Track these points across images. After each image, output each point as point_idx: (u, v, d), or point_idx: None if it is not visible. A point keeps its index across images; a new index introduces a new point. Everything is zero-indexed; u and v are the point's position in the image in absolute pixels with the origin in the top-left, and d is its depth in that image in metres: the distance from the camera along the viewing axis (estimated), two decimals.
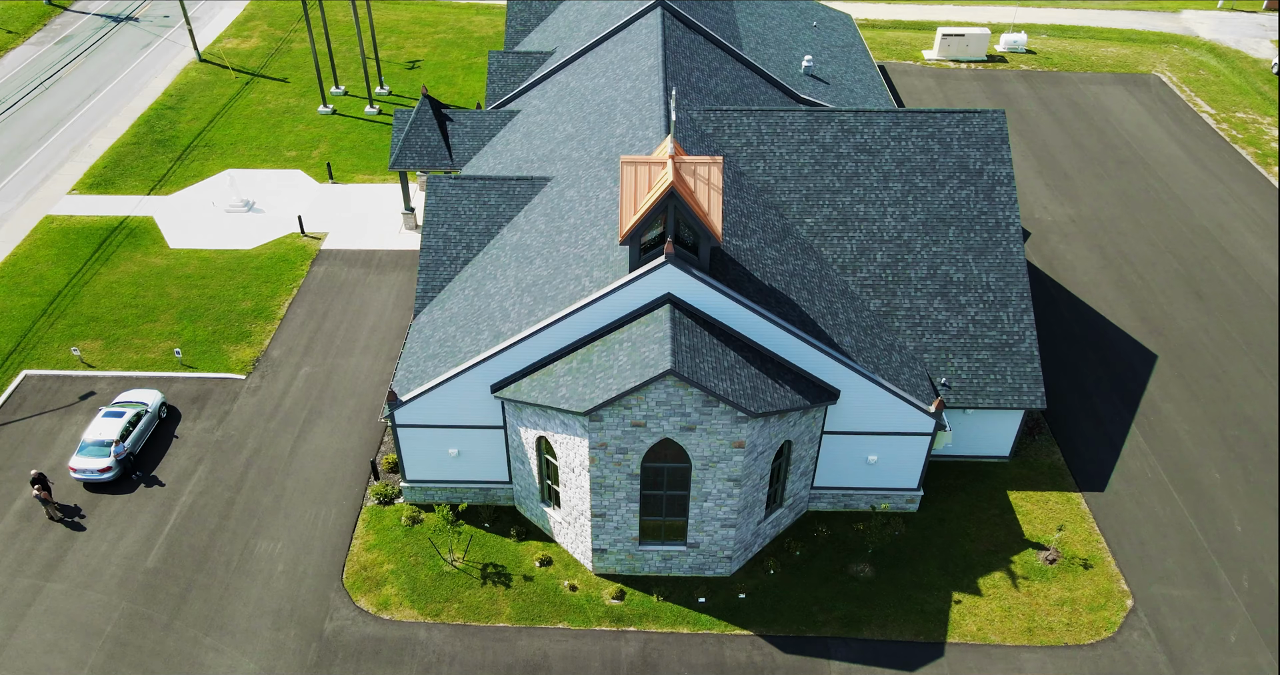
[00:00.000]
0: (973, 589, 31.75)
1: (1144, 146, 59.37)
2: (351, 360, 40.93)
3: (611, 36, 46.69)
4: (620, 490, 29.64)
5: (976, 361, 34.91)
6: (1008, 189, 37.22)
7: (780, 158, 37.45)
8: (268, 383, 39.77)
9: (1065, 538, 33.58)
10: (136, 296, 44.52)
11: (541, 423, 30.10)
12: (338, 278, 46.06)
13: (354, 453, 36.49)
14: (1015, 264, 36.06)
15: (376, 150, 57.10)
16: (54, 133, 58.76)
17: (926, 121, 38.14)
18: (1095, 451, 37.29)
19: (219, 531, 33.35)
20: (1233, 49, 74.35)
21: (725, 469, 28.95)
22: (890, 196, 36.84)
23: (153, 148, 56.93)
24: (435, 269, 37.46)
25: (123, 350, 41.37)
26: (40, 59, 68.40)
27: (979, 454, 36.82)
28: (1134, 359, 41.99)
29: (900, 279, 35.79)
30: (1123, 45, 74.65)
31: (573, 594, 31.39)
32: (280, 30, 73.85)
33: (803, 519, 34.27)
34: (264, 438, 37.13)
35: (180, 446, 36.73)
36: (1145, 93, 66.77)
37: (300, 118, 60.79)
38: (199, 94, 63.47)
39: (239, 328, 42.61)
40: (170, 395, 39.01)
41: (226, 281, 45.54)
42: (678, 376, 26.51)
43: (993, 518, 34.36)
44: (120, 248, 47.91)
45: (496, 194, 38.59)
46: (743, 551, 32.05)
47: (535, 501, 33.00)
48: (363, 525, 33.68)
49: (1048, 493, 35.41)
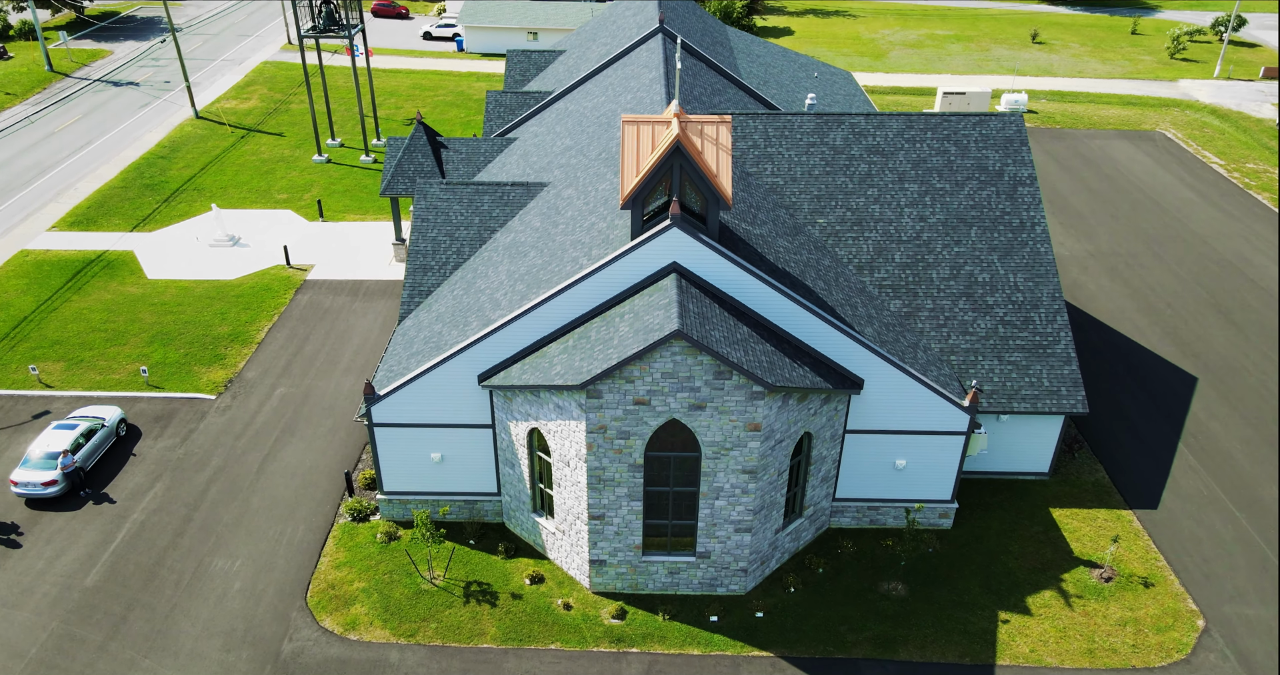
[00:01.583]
0: (1021, 608, 27.96)
1: (1156, 191, 57.97)
2: (331, 381, 37.99)
3: (612, 64, 45.74)
4: (621, 485, 26.30)
5: (1009, 364, 32.07)
6: (1031, 190, 35.21)
7: (789, 159, 35.59)
8: (239, 402, 36.72)
9: (1120, 555, 29.96)
10: (106, 322, 41.91)
11: (533, 411, 27.02)
12: (322, 305, 43.58)
13: (328, 469, 33.16)
14: (1044, 264, 33.67)
15: (369, 193, 55.58)
16: (41, 178, 57.38)
17: (941, 124, 36.48)
18: (1141, 470, 33.98)
19: (170, 549, 29.74)
20: (1234, 111, 74.20)
21: (739, 458, 25.72)
22: (906, 197, 34.79)
23: (140, 191, 55.42)
24: (423, 274, 35.02)
25: (85, 371, 38.47)
26: (36, 116, 67.88)
27: (1016, 470, 33.48)
28: (1172, 381, 39.08)
29: (921, 279, 33.33)
30: (1123, 108, 74.53)
31: (567, 613, 27.59)
32: (279, 93, 73.79)
33: (824, 535, 30.69)
34: (230, 455, 33.85)
35: (137, 464, 33.41)
36: (1151, 146, 65.98)
37: (294, 166, 59.60)
38: (192, 145, 62.53)
39: (213, 351, 39.83)
40: (132, 414, 35.91)
41: (204, 308, 43.03)
42: (686, 340, 23.67)
43: (1036, 535, 30.80)
44: (95, 278, 45.61)
45: (490, 199, 36.55)
46: (759, 565, 28.40)
47: (526, 512, 29.53)
48: (333, 542, 30.09)
49: (1094, 510, 31.94)
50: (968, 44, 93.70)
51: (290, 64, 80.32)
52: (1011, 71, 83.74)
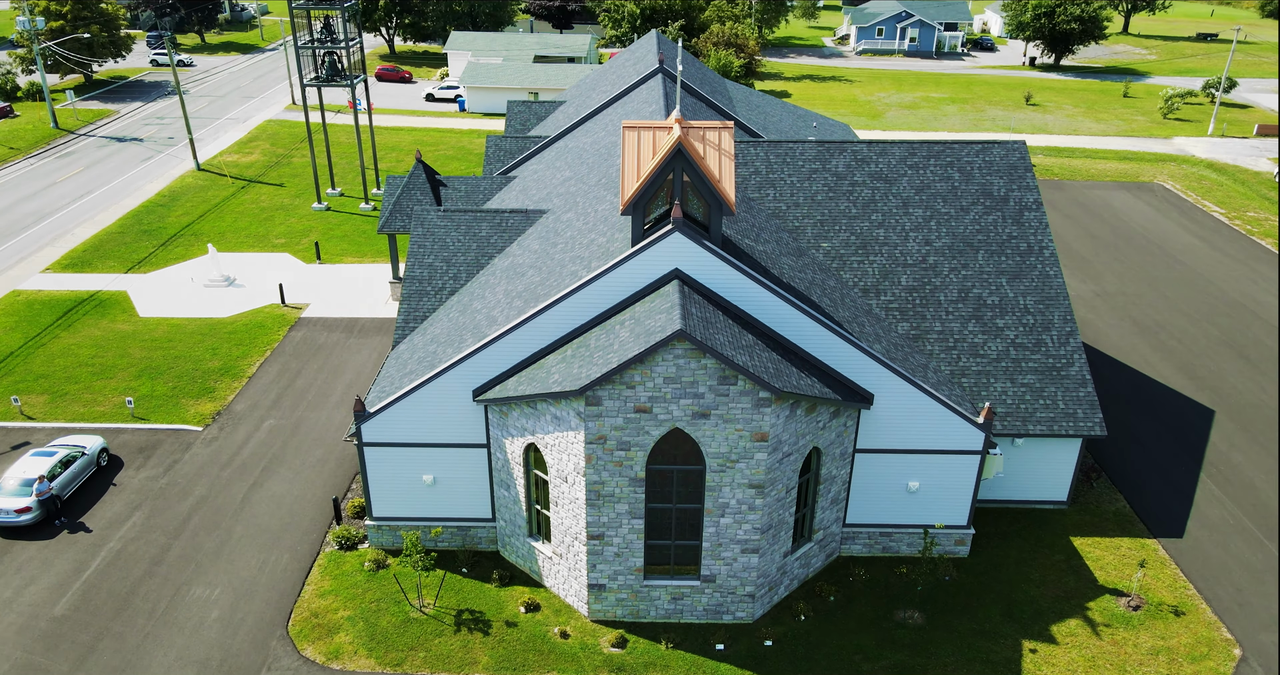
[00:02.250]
0: (1046, 637, 26.33)
1: (1158, 237, 57.72)
2: (323, 413, 36.84)
3: (613, 103, 45.87)
4: (622, 501, 25.00)
5: (1022, 386, 31.04)
6: (1037, 214, 34.73)
7: (792, 185, 35.21)
8: (226, 434, 35.52)
9: (1147, 584, 28.43)
10: (94, 357, 40.95)
11: (530, 425, 25.88)
12: (316, 341, 42.69)
13: (316, 499, 31.80)
14: (1054, 287, 32.95)
15: (368, 237, 55.26)
16: (38, 224, 57.15)
17: (944, 151, 36.23)
18: (1163, 499, 32.62)
19: (146, 578, 28.20)
20: (1231, 165, 74.65)
21: (746, 471, 24.50)
22: (911, 221, 34.28)
23: (137, 236, 55.10)
24: (418, 299, 34.25)
25: (69, 404, 37.35)
26: (37, 168, 68.14)
27: (1033, 499, 32.12)
28: (1190, 414, 37.96)
29: (929, 302, 32.56)
30: (1120, 162, 74.98)
31: (564, 641, 25.95)
32: (282, 148, 74.30)
33: (834, 563, 29.19)
34: (214, 485, 32.52)
35: (116, 493, 32.06)
36: (1151, 196, 66.08)
37: (293, 213, 59.47)
38: (192, 195, 62.53)
39: (202, 384, 38.78)
40: (116, 445, 34.67)
41: (195, 344, 42.13)
42: (690, 341, 22.73)
43: (1057, 563, 29.30)
44: (85, 316, 44.82)
45: (488, 226, 36.03)
46: (767, 591, 26.86)
47: (522, 538, 28.10)
48: (318, 571, 28.57)
49: (1117, 539, 30.49)
50: (963, 105, 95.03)
51: (293, 122, 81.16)
52: (1007, 129, 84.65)
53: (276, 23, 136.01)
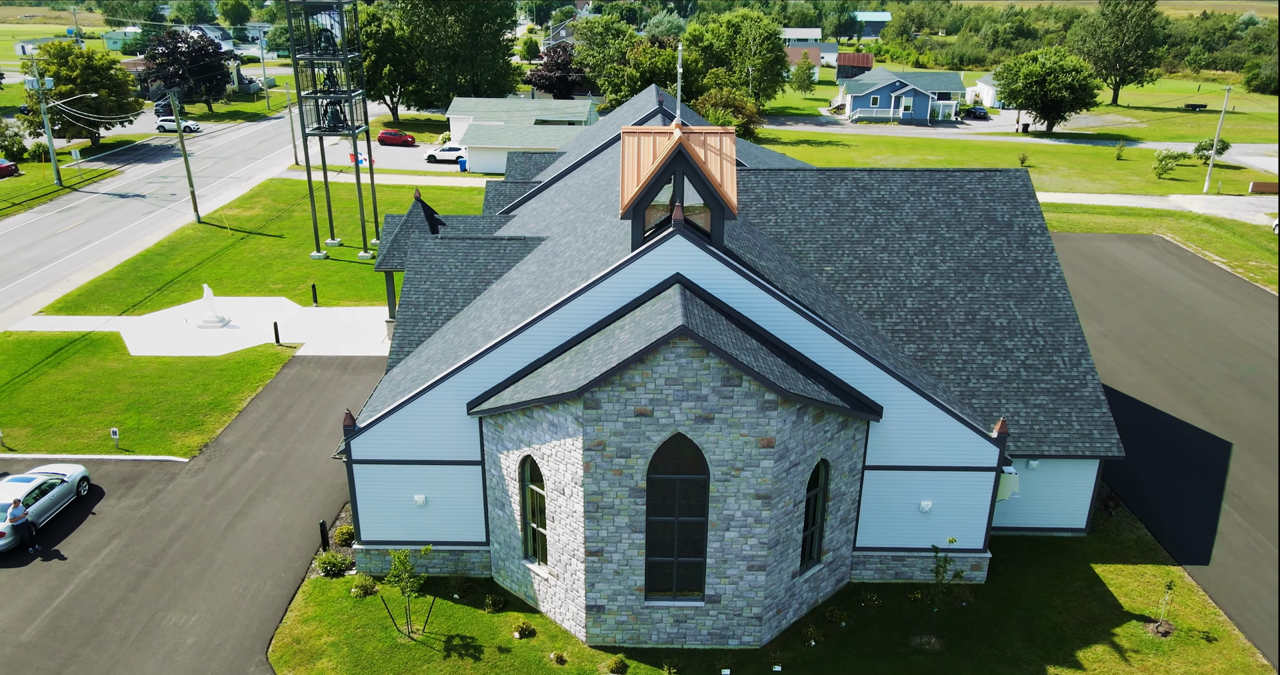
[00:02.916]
0: (1072, 663, 24.82)
1: (1162, 283, 57.36)
2: (314, 445, 35.75)
3: (612, 144, 45.97)
4: (621, 513, 23.83)
5: (1034, 407, 30.11)
6: (1042, 239, 34.32)
7: (793, 211, 34.90)
8: (213, 465, 34.37)
9: (1175, 610, 26.99)
10: (82, 392, 40.02)
11: (526, 435, 24.86)
12: (309, 378, 41.82)
13: (303, 527, 30.50)
14: (1063, 309, 32.30)
15: (365, 283, 54.86)
16: (35, 270, 56.82)
17: (946, 179, 36.04)
18: (1185, 527, 31.34)
19: (121, 604, 26.77)
20: (1229, 219, 74.90)
21: (752, 479, 23.40)
22: (915, 246, 33.84)
23: (134, 282, 54.71)
24: (414, 323, 33.54)
25: (53, 436, 36.28)
26: (39, 221, 68.22)
27: (1051, 526, 30.83)
28: (1206, 446, 36.89)
29: (935, 324, 31.87)
30: (1118, 217, 75.25)
31: (560, 667, 24.43)
32: (283, 203, 74.62)
33: (845, 590, 27.77)
34: (198, 513, 31.26)
35: (95, 522, 30.78)
36: (1151, 247, 66.03)
37: (291, 261, 59.23)
38: (191, 245, 62.42)
39: (190, 418, 37.76)
40: (98, 476, 33.49)
41: (186, 380, 41.23)
42: (692, 338, 21.94)
43: (1079, 590, 27.89)
44: (76, 355, 44.04)
45: (486, 253, 35.57)
46: (775, 614, 25.43)
47: (517, 560, 26.77)
48: (302, 597, 27.14)
49: (1140, 566, 29.12)
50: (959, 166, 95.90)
51: (295, 180, 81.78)
52: None
53: (283, 93, 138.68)
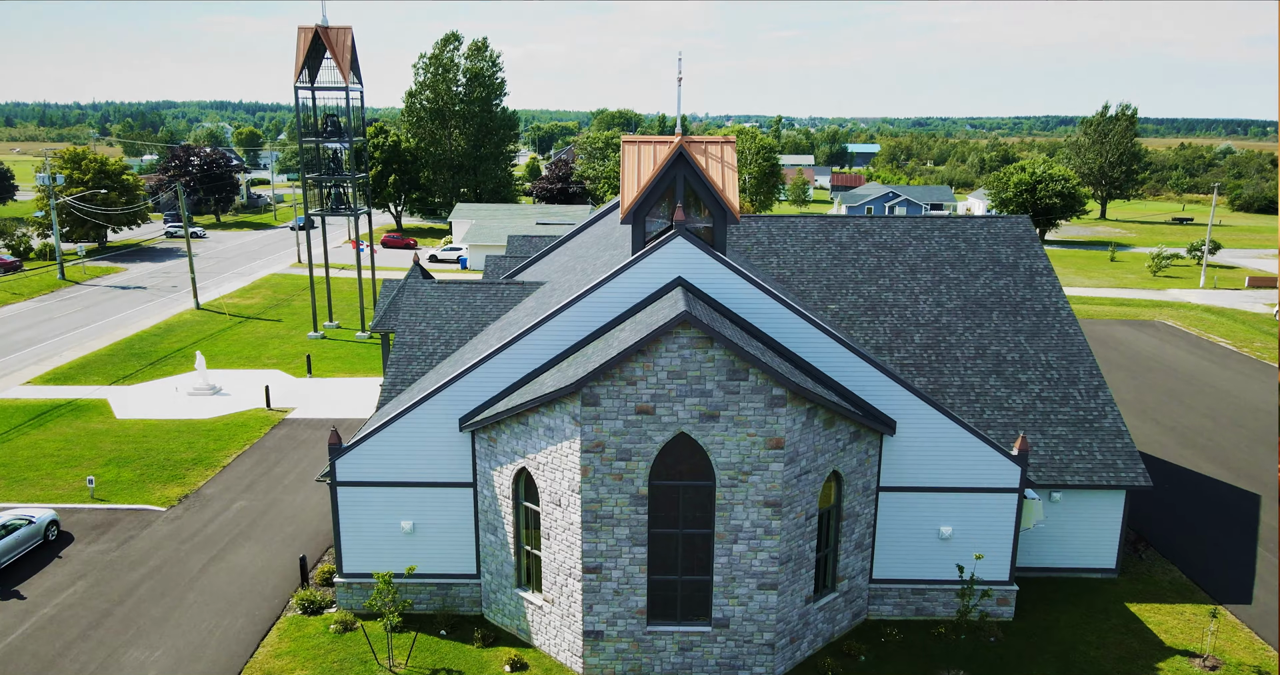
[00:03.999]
0: None
1: (1169, 361, 56.60)
2: (299, 496, 34.12)
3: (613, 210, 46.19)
4: (622, 524, 22.26)
5: (1053, 437, 28.84)
6: (1049, 279, 33.90)
7: (795, 254, 34.62)
8: (192, 514, 32.67)
9: (1222, 646, 24.93)
10: (61, 450, 38.57)
11: (521, 446, 23.54)
12: (299, 437, 40.45)
13: (282, 569, 28.64)
14: (1076, 344, 31.49)
15: (362, 360, 54.08)
16: (28, 347, 56.10)
17: (948, 225, 35.94)
18: (1220, 569, 29.48)
19: (79, 641, 24.72)
20: (1229, 309, 74.83)
21: (760, 484, 21.99)
22: (920, 286, 33.35)
23: (127, 357, 53.89)
24: (407, 364, 32.62)
25: (26, 488, 34.66)
26: (38, 308, 67.99)
27: (1079, 566, 28.96)
28: (1234, 497, 35.28)
29: (945, 358, 30.98)
30: (1117, 307, 75.20)
31: None
32: (283, 294, 74.69)
33: (862, 627, 25.73)
34: (171, 557, 29.42)
35: (61, 565, 28.92)
36: (1154, 331, 65.62)
37: (288, 341, 58.61)
38: (189, 328, 61.96)
39: (172, 472, 36.23)
40: (69, 524, 31.75)
41: (170, 439, 39.86)
42: (696, 326, 21.05)
43: (1116, 627, 25.88)
44: (60, 418, 42.77)
45: (483, 296, 35.08)
46: (789, 644, 23.42)
47: (509, 590, 24.90)
48: (276, 634, 25.10)
49: (1179, 605, 27.17)
50: None
51: (297, 276, 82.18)
52: None
53: (290, 209, 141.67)
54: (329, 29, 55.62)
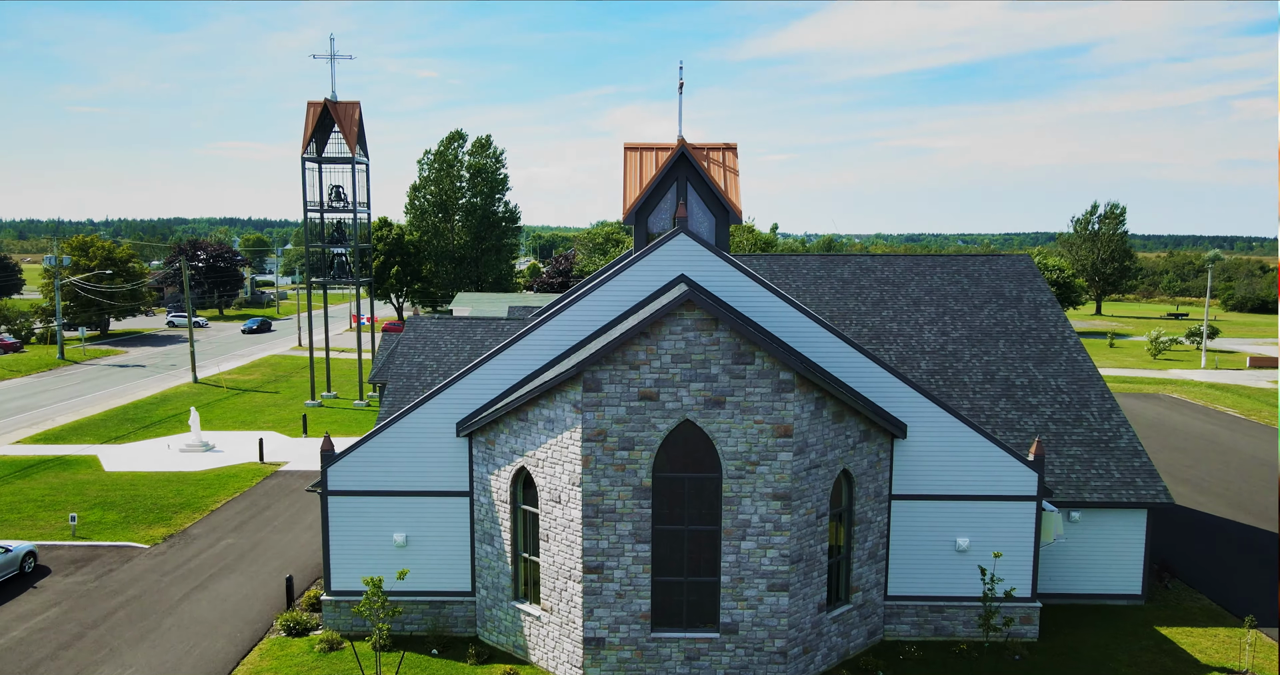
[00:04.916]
0: None
1: (1177, 426, 55.78)
2: (289, 536, 32.90)
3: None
4: (624, 519, 21.29)
5: (1069, 457, 28.04)
6: (1054, 311, 33.69)
7: (798, 289, 34.53)
8: (176, 550, 31.42)
9: (1261, 664, 23.50)
10: (46, 496, 37.44)
11: (520, 444, 22.77)
12: (290, 486, 39.35)
13: (267, 597, 27.30)
14: (1085, 370, 31.04)
15: (359, 424, 53.23)
16: (21, 413, 55.32)
17: (950, 262, 36.05)
18: (1249, 597, 28.12)
19: (47, 661, 23.30)
20: (1233, 384, 74.35)
21: (768, 476, 21.15)
22: (925, 317, 33.15)
23: (120, 422, 53.07)
24: (404, 394, 32.07)
25: (7, 529, 33.44)
26: (35, 383, 67.44)
27: (1103, 592, 27.61)
28: (1256, 536, 34.06)
29: (954, 383, 30.48)
30: (1120, 384, 74.69)
31: None
32: (282, 372, 74.28)
33: (879, 646, 24.29)
34: (152, 587, 28.10)
35: (36, 594, 27.58)
36: (1160, 402, 64.96)
37: (285, 408, 57.88)
38: (185, 398, 61.27)
39: (159, 514, 35.06)
40: (48, 559, 30.48)
41: (159, 487, 38.75)
42: (700, 307, 20.69)
43: (1148, 647, 24.46)
44: (47, 470, 41.72)
45: (484, 330, 34.79)
46: (802, 654, 22.04)
47: (505, 603, 23.62)
48: (258, 654, 23.68)
49: (1212, 628, 25.77)
50: None
51: (297, 356, 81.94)
52: None
53: (294, 304, 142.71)
54: (338, 103, 57.18)
